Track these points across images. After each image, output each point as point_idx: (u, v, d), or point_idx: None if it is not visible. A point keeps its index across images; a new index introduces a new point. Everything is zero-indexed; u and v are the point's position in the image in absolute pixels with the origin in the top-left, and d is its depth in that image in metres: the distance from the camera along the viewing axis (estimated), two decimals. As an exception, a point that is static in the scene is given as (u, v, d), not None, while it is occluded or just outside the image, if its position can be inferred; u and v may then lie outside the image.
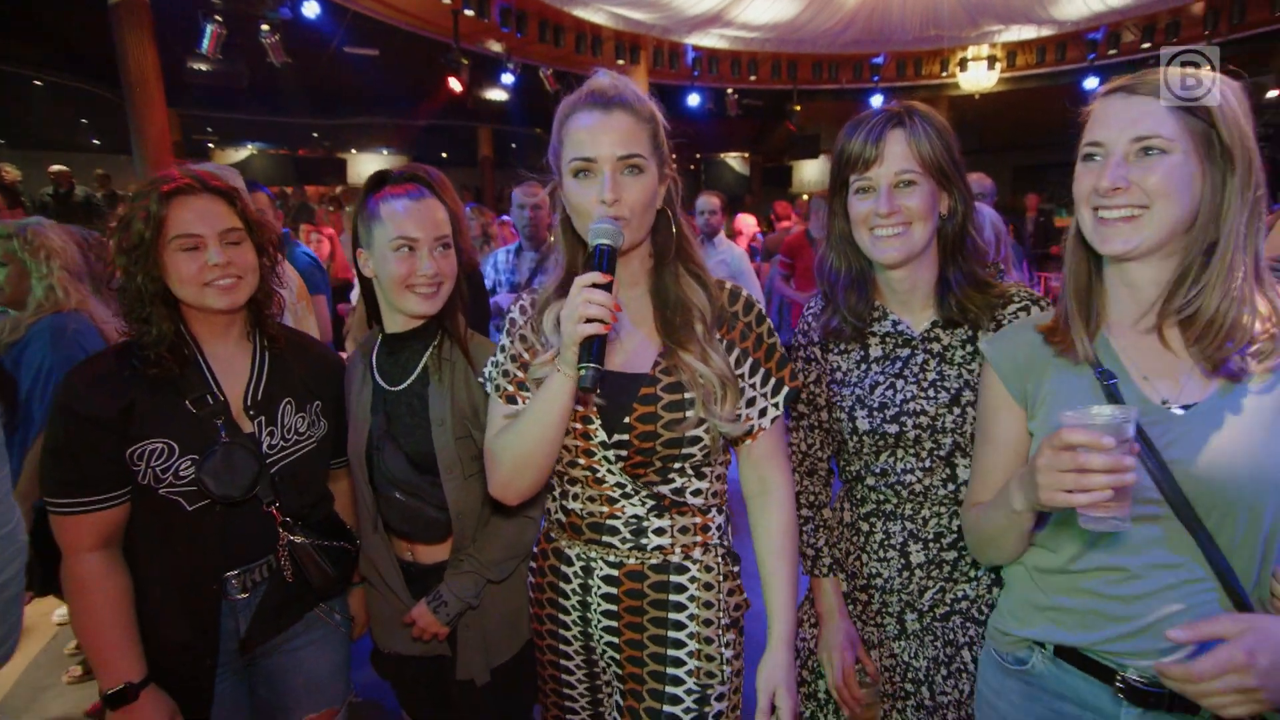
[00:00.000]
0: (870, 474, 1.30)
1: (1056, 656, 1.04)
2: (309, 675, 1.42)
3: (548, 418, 1.10)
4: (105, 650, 1.23)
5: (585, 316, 0.98)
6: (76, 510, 1.22)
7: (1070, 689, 1.03)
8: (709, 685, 1.19)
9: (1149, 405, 0.96)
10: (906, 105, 1.23)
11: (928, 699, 1.28)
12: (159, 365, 1.25)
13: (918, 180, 1.18)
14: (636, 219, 1.10)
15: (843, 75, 11.11)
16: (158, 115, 6.57)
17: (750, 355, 1.18)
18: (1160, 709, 0.94)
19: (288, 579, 1.36)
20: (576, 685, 1.31)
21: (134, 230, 1.23)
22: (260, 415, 1.34)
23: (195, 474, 1.24)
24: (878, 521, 1.31)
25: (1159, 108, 0.92)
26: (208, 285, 1.26)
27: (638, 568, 1.20)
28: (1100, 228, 0.95)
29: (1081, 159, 0.98)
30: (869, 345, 1.31)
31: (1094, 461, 0.82)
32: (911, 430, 1.24)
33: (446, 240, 1.39)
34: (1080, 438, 0.83)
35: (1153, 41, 9.17)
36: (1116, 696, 0.97)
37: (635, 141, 1.09)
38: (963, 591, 1.27)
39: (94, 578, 1.24)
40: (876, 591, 1.32)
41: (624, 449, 1.15)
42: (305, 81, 10.54)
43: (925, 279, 1.27)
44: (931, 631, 1.28)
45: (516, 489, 1.19)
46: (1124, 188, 0.92)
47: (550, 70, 9.59)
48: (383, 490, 1.40)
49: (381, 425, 1.39)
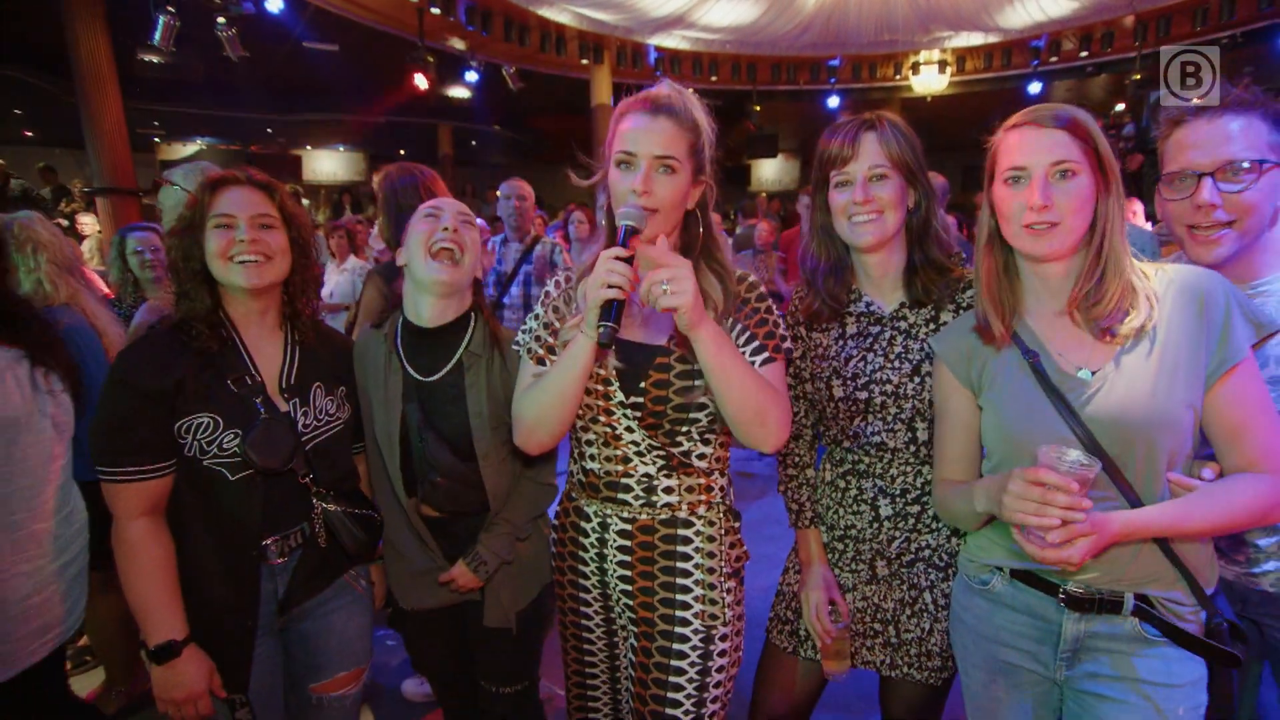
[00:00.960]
0: (845, 436, 1.46)
1: (1012, 578, 1.24)
2: (340, 636, 1.50)
3: (570, 374, 1.22)
4: (151, 609, 1.30)
5: (606, 283, 1.11)
6: (128, 479, 1.29)
7: (1022, 603, 1.23)
8: (713, 626, 1.33)
9: (1064, 375, 1.16)
10: (877, 114, 1.40)
11: (894, 637, 1.45)
12: (199, 340, 1.34)
13: (888, 174, 1.35)
14: (664, 212, 1.23)
15: (800, 77, 11.42)
16: (112, 107, 6.38)
17: (748, 329, 1.31)
18: (1092, 611, 1.15)
19: (321, 544, 1.44)
20: (595, 630, 1.44)
21: (184, 215, 1.36)
22: (295, 397, 1.42)
23: (240, 445, 1.32)
24: (852, 479, 1.47)
25: (1065, 136, 1.11)
26: (233, 260, 1.34)
27: (649, 522, 1.33)
28: (1030, 236, 1.14)
29: (1005, 181, 1.16)
30: (846, 324, 1.47)
31: (1058, 500, 1.00)
32: (878, 396, 1.40)
33: (469, 219, 1.52)
34: (1052, 479, 1.01)
35: (1089, 50, 9.74)
36: (1059, 605, 1.18)
37: (673, 145, 1.22)
38: (925, 541, 1.43)
39: (141, 542, 1.31)
40: (851, 541, 1.48)
41: (639, 410, 1.28)
42: (260, 75, 10.30)
43: (895, 263, 1.43)
44: (899, 576, 1.44)
45: (538, 439, 1.31)
46: (1049, 204, 1.11)
47: (513, 69, 9.62)
48: (423, 475, 1.49)
49: (418, 414, 1.48)
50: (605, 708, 1.50)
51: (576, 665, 1.48)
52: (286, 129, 14.39)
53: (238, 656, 1.37)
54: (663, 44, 10.19)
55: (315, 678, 1.50)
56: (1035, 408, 1.16)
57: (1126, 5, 8.91)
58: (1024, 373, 1.18)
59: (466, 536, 1.53)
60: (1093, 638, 1.17)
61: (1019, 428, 1.17)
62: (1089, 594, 1.15)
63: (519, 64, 9.68)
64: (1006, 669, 1.26)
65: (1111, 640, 1.16)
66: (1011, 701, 1.26)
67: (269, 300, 1.43)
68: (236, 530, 1.35)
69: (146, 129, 13.16)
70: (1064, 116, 1.12)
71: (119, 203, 6.65)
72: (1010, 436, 1.19)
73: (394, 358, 1.52)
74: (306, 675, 1.50)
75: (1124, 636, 1.15)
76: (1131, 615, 1.13)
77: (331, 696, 1.51)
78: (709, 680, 1.32)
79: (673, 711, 1.30)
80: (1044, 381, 1.15)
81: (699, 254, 1.30)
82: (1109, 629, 1.15)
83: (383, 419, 1.50)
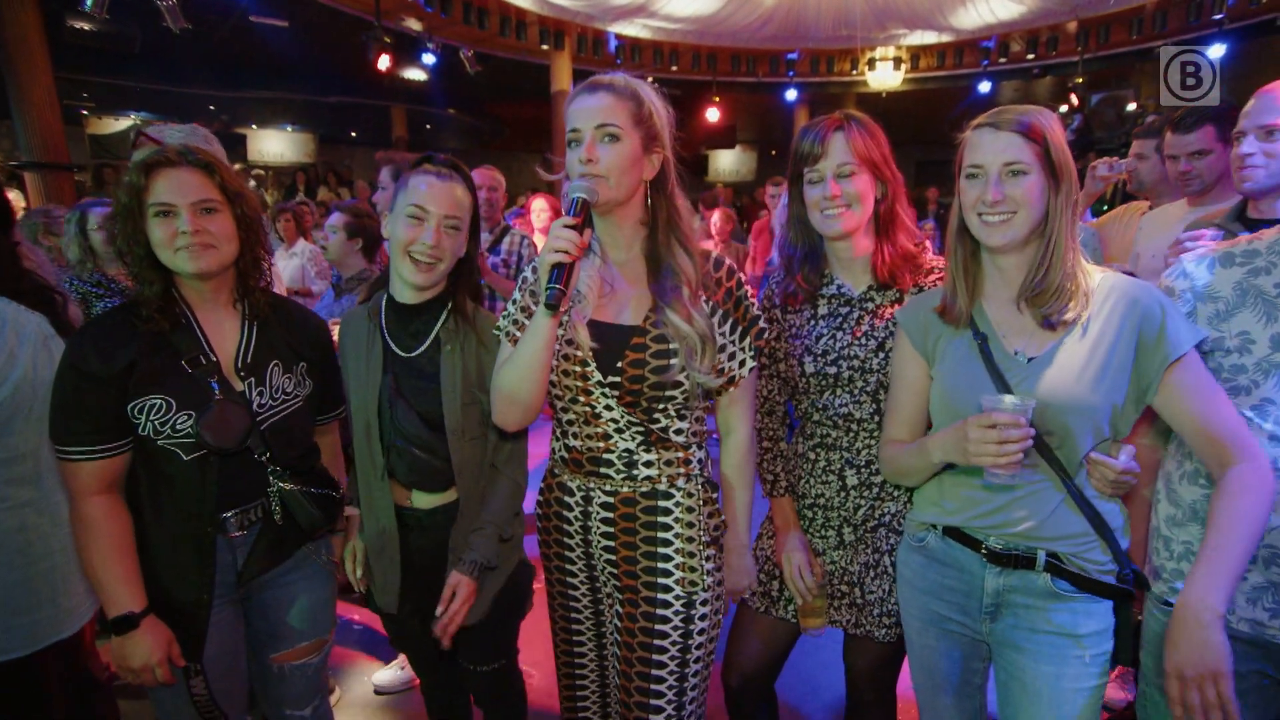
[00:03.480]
0: (815, 409, 1.55)
1: (944, 535, 1.35)
2: (301, 606, 1.50)
3: (533, 344, 1.26)
4: (109, 583, 1.31)
5: (553, 248, 1.17)
6: (83, 457, 1.29)
7: (952, 558, 1.35)
8: (693, 592, 1.37)
9: (1007, 356, 1.27)
10: (846, 113, 1.49)
11: (859, 598, 1.55)
12: (151, 323, 1.32)
13: (855, 170, 1.44)
14: (613, 178, 1.26)
15: (760, 69, 11.54)
16: (42, 77, 6.01)
17: (730, 315, 1.37)
18: (1009, 566, 1.27)
19: (278, 521, 1.44)
20: (581, 599, 1.49)
21: (120, 200, 1.32)
22: (250, 377, 1.40)
23: (194, 427, 1.31)
24: (821, 451, 1.56)
25: (1018, 139, 1.20)
26: (179, 250, 1.31)
27: (630, 495, 1.37)
28: (985, 228, 1.24)
29: (965, 177, 1.27)
30: (818, 305, 1.56)
31: (1012, 435, 1.13)
32: (846, 371, 1.49)
33: (456, 222, 1.49)
34: (1003, 419, 1.14)
35: (1036, 53, 10.12)
36: (982, 560, 1.30)
37: (612, 114, 1.25)
38: (888, 508, 1.53)
39: (99, 519, 1.31)
40: (820, 509, 1.57)
41: (617, 389, 1.32)
42: (204, 49, 9.85)
43: (864, 250, 1.52)
44: (864, 541, 1.54)
45: (512, 415, 1.35)
46: (1001, 199, 1.20)
47: (471, 51, 9.44)
48: (393, 442, 1.50)
49: (392, 385, 1.50)
50: (592, 675, 1.54)
51: (564, 635, 1.52)
52: (230, 106, 13.77)
53: (193, 627, 1.37)
54: (624, 32, 10.15)
55: (276, 647, 1.50)
56: (978, 383, 1.26)
57: (1070, 11, 9.29)
58: (972, 352, 1.29)
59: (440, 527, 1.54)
60: (1011, 592, 1.28)
61: (962, 400, 1.27)
62: (1007, 550, 1.27)
63: (477, 47, 9.51)
64: (938, 619, 1.38)
65: (1027, 595, 1.27)
66: (943, 648, 1.39)
67: (220, 281, 1.41)
68: (192, 507, 1.35)
69: (74, 101, 12.40)
70: (1022, 121, 1.20)
71: (51, 178, 6.28)
72: (953, 407, 1.29)
73: (376, 332, 1.53)
74: (268, 645, 1.50)
75: (1038, 591, 1.26)
76: (1044, 571, 1.25)
77: (293, 665, 1.51)
78: (691, 643, 1.37)
79: (658, 672, 1.35)
80: (988, 361, 1.26)
81: (665, 227, 1.33)
82: (1023, 583, 1.27)
83: (361, 393, 1.50)
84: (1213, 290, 1.23)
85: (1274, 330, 1.17)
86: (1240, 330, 1.20)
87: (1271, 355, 1.17)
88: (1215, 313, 1.22)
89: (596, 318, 1.33)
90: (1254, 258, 1.21)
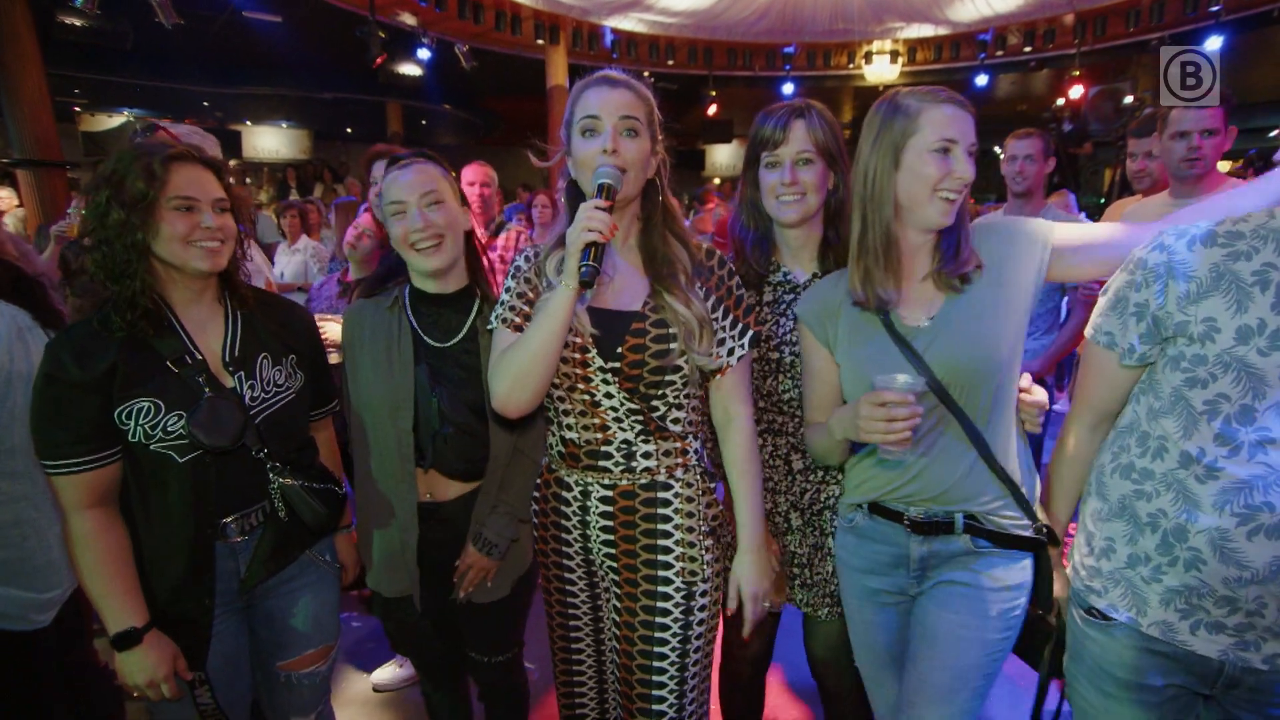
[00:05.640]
0: (760, 396, 1.58)
1: (870, 512, 1.41)
2: (306, 613, 1.48)
3: (551, 325, 1.24)
4: (109, 599, 1.28)
5: (587, 227, 1.18)
6: (70, 470, 1.25)
7: (879, 533, 1.40)
8: (693, 583, 1.38)
9: (908, 326, 1.33)
10: (806, 101, 1.52)
11: (809, 578, 1.61)
12: (135, 325, 1.27)
13: (813, 159, 1.48)
14: (633, 172, 1.28)
15: (756, 63, 11.48)
16: (33, 73, 5.96)
17: (723, 303, 1.38)
18: (932, 534, 1.34)
19: (283, 519, 1.42)
20: (579, 594, 1.48)
21: (133, 187, 1.25)
22: (239, 370, 1.38)
23: (186, 428, 1.28)
24: (768, 437, 1.60)
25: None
26: (194, 245, 1.29)
27: (629, 488, 1.37)
28: (947, 207, 1.27)
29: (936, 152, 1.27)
30: (763, 292, 1.60)
31: (900, 413, 1.16)
32: (788, 356, 1.54)
33: (436, 197, 1.47)
34: (891, 398, 1.16)
35: (1033, 45, 10.08)
36: (906, 531, 1.35)
37: (634, 109, 1.29)
38: (832, 492, 1.58)
39: (94, 533, 1.28)
40: (769, 494, 1.60)
41: (617, 374, 1.32)
42: (197, 45, 9.76)
43: (814, 238, 1.57)
44: (810, 524, 1.59)
45: (518, 400, 1.30)
46: (970, 180, 1.25)
47: (466, 47, 9.38)
48: (440, 430, 1.49)
49: (426, 375, 1.49)
50: (590, 671, 1.54)
51: (561, 632, 1.52)
52: (224, 102, 13.67)
53: (196, 636, 1.35)
54: (619, 26, 10.09)
55: (282, 656, 1.48)
56: (888, 356, 1.31)
57: (1067, 4, 9.25)
58: (876, 326, 1.34)
59: (458, 519, 1.53)
60: (934, 556, 1.35)
61: (876, 375, 1.27)
62: (927, 518, 1.34)
63: (473, 42, 9.44)
64: (872, 594, 1.44)
65: (949, 557, 1.34)
66: (879, 621, 1.44)
67: (211, 277, 1.39)
68: (190, 512, 1.32)
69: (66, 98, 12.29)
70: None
71: (44, 176, 6.23)
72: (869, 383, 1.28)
73: (403, 324, 1.52)
74: (274, 654, 1.48)
75: (959, 552, 1.33)
76: (963, 533, 1.32)
77: (301, 674, 1.49)
78: (691, 634, 1.37)
79: (659, 664, 1.36)
80: (893, 333, 1.31)
81: (660, 221, 1.37)
82: (946, 547, 1.34)
83: (387, 384, 1.49)
84: (1188, 268, 1.07)
85: (1242, 321, 1.03)
86: (1207, 316, 1.06)
87: (1235, 348, 1.03)
88: (1185, 294, 1.07)
89: (595, 304, 1.34)
90: (1236, 240, 1.06)
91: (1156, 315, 1.11)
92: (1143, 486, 1.14)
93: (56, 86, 10.37)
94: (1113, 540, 1.19)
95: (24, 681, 1.41)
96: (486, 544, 1.50)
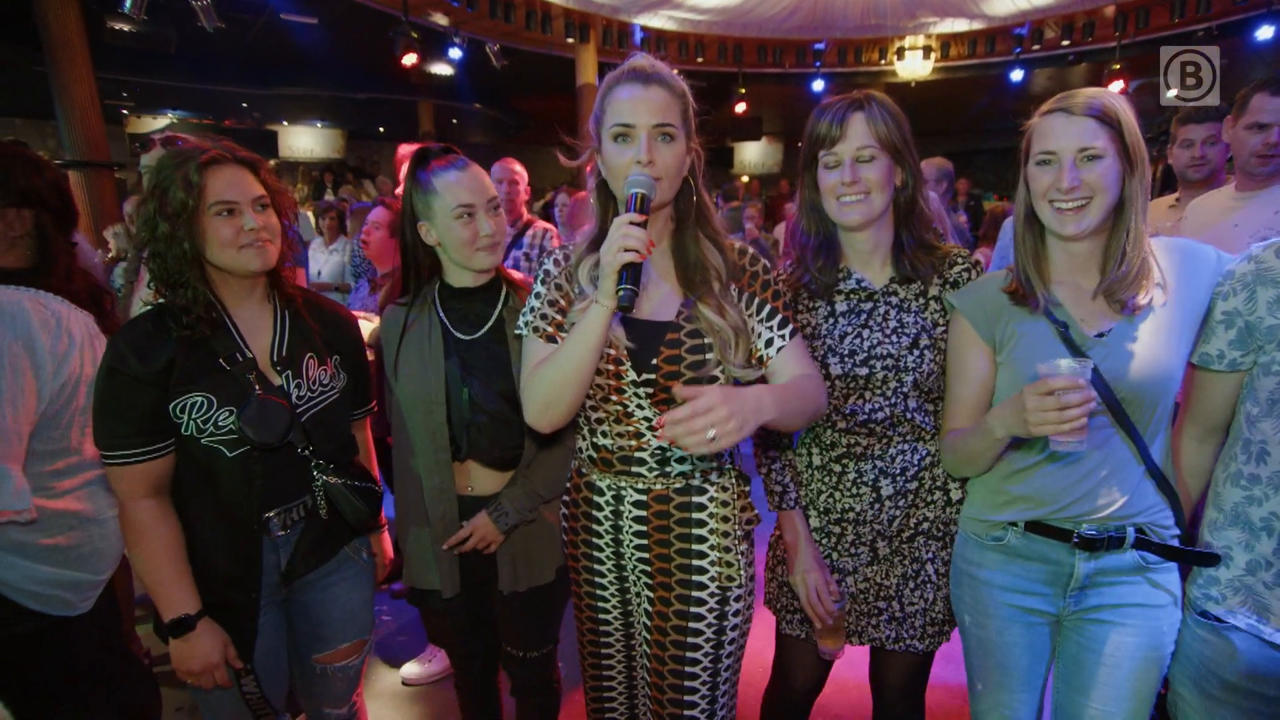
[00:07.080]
0: (840, 416, 1.46)
1: (1026, 530, 1.34)
2: (343, 608, 1.54)
3: (585, 344, 1.20)
4: (164, 586, 1.33)
5: (623, 247, 1.11)
6: (129, 461, 1.31)
7: (1036, 551, 1.34)
8: (728, 587, 1.37)
9: (1086, 338, 1.27)
10: (866, 93, 1.41)
11: (898, 611, 1.49)
12: (193, 328, 1.33)
13: (876, 155, 1.36)
14: (667, 180, 1.24)
15: (786, 60, 11.37)
16: (84, 77, 6.16)
17: (757, 297, 1.34)
18: (1101, 550, 1.28)
19: (323, 516, 1.47)
20: (609, 599, 1.48)
21: (175, 198, 1.29)
22: (287, 370, 1.43)
23: (236, 424, 1.33)
24: (849, 463, 1.47)
25: (1092, 124, 1.19)
26: (244, 248, 1.34)
27: (664, 492, 1.36)
28: (1058, 216, 1.23)
29: (1036, 164, 1.25)
30: (835, 302, 1.47)
31: (1073, 399, 1.08)
32: (880, 371, 1.42)
33: (497, 202, 1.54)
34: (1061, 384, 1.09)
35: (1071, 39, 9.83)
36: (1072, 549, 1.30)
37: (669, 113, 1.23)
38: (924, 515, 1.48)
39: (149, 522, 1.34)
40: (850, 524, 1.48)
41: (651, 387, 1.30)
42: (236, 47, 10.01)
43: (884, 240, 1.46)
44: (900, 553, 1.48)
45: (550, 417, 1.28)
46: (1077, 186, 1.19)
47: (497, 46, 9.47)
48: (474, 419, 1.53)
49: (458, 368, 1.53)
50: (620, 676, 1.54)
51: (591, 636, 1.52)
52: (262, 103, 14.00)
53: (242, 628, 1.40)
54: (649, 23, 10.08)
55: (319, 648, 1.53)
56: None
57: (1107, -6, 9.01)
58: (1054, 337, 1.28)
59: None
60: (1100, 573, 1.30)
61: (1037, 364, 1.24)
62: (1101, 534, 1.28)
63: (503, 41, 9.53)
64: (1021, 614, 1.37)
65: (1116, 573, 1.30)
66: (1025, 642, 1.38)
67: (260, 276, 1.44)
68: (237, 505, 1.37)
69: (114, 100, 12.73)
70: (1094, 105, 1.19)
71: (93, 176, 6.46)
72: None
73: (434, 320, 1.56)
74: (310, 646, 1.53)
75: (1126, 568, 1.29)
76: (1133, 547, 1.27)
77: (335, 667, 1.55)
78: (724, 638, 1.37)
79: (691, 670, 1.35)
80: (1070, 345, 1.25)
81: (694, 221, 1.32)
82: (1115, 563, 1.29)
83: (421, 380, 1.53)
84: (1276, 275, 1.16)
85: None
86: None
87: None
88: (1275, 299, 1.16)
89: (628, 315, 1.28)
90: None
91: (1249, 321, 1.18)
92: (1252, 491, 1.19)
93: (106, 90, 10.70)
94: (1230, 548, 1.23)
95: (62, 666, 1.47)
96: (499, 511, 1.52)
